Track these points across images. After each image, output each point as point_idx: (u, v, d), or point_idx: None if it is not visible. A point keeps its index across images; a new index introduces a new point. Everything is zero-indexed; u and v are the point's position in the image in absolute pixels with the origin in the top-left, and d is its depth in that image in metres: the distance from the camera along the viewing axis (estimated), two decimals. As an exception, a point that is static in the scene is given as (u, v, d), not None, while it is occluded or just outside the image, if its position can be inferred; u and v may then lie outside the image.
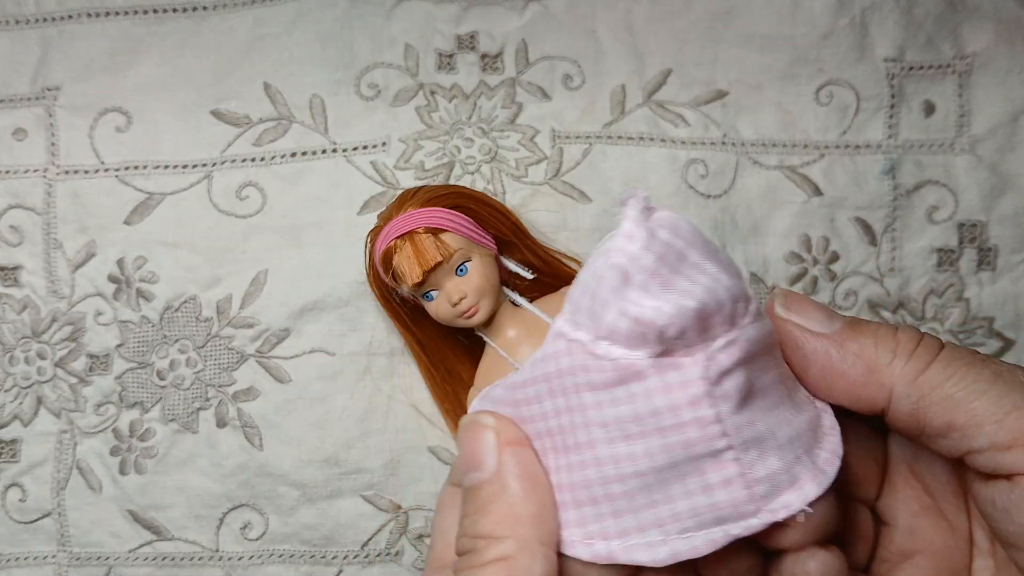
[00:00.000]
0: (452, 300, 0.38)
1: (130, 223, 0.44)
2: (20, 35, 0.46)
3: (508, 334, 0.39)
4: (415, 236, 0.37)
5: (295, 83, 0.44)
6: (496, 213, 0.40)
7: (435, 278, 0.38)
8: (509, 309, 0.40)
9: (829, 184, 0.43)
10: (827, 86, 0.44)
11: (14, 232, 0.45)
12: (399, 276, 0.38)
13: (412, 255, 0.37)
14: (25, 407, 0.44)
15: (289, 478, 0.42)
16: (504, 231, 0.40)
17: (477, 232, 0.39)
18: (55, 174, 0.45)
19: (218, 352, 0.43)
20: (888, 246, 0.43)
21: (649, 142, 0.43)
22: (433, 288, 0.38)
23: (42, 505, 0.43)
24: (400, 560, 0.42)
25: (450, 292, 0.38)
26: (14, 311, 0.44)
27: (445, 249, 0.37)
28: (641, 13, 0.44)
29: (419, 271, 0.37)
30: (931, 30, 0.44)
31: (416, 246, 0.37)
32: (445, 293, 0.38)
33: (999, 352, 0.42)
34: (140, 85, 0.45)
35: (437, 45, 0.44)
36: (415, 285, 0.37)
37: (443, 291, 0.38)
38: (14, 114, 0.45)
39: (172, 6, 0.45)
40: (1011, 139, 0.43)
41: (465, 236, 0.38)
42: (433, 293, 0.38)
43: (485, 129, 0.44)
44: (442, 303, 0.38)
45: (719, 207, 0.43)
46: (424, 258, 0.37)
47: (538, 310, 0.39)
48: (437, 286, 0.38)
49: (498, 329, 0.40)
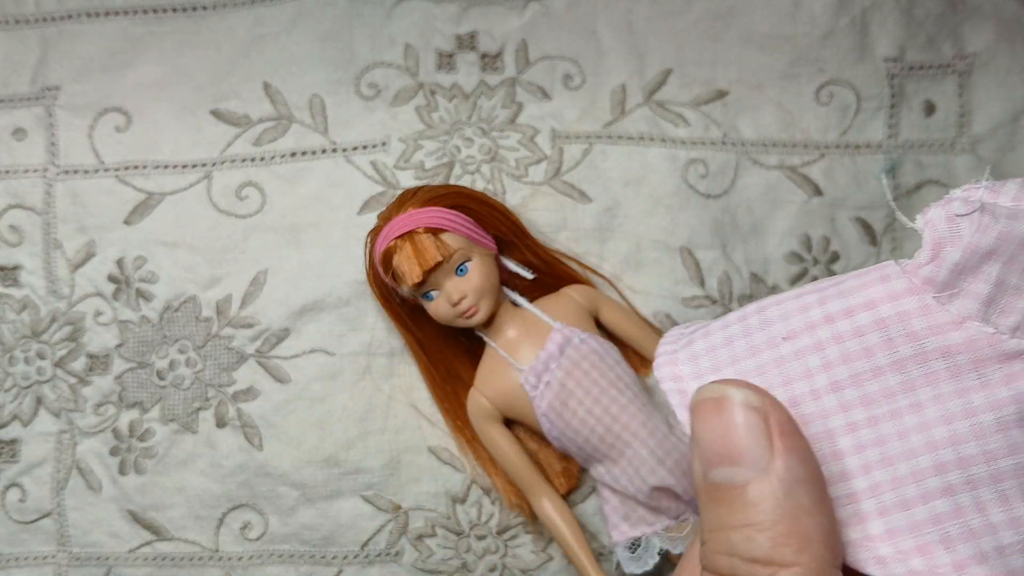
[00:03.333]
0: (452, 300, 0.38)
1: (130, 223, 0.44)
2: (20, 35, 0.46)
3: (508, 334, 0.39)
4: (415, 236, 0.37)
5: (295, 83, 0.44)
6: (496, 213, 0.40)
7: (435, 278, 0.38)
8: (509, 309, 0.40)
9: (829, 184, 0.43)
10: (827, 86, 0.43)
11: (14, 232, 0.45)
12: (399, 276, 0.38)
13: (412, 255, 0.37)
14: (25, 407, 0.44)
15: (289, 478, 0.42)
16: (504, 231, 0.40)
17: (477, 232, 0.39)
18: (55, 174, 0.45)
19: (218, 352, 0.43)
20: (888, 246, 0.43)
21: (649, 142, 0.43)
22: (433, 288, 0.38)
23: (42, 505, 0.43)
24: (400, 560, 0.42)
25: (450, 292, 0.38)
26: (14, 311, 0.44)
27: (445, 249, 0.37)
28: (641, 13, 0.44)
29: (419, 271, 0.37)
30: (931, 30, 0.44)
31: (416, 246, 0.37)
32: (445, 293, 0.38)
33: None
34: (140, 85, 0.45)
35: (437, 45, 0.44)
36: (415, 285, 0.37)
37: (443, 291, 0.38)
38: (14, 114, 0.45)
39: (172, 6, 0.45)
40: (1011, 139, 0.43)
41: (465, 236, 0.38)
42: (433, 293, 0.38)
43: (485, 129, 0.44)
44: (442, 303, 0.38)
45: (719, 207, 0.43)
46: (424, 258, 0.37)
47: (538, 310, 0.39)
48: (437, 286, 0.38)
49: (498, 329, 0.40)
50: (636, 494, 0.37)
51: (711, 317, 0.42)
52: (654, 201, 0.43)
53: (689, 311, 0.42)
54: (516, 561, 0.41)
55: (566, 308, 0.40)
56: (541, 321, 0.39)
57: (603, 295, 0.42)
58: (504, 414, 0.40)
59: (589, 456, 0.38)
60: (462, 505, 0.42)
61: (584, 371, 0.38)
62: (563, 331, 0.38)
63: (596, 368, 0.38)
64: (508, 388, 0.39)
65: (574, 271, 0.42)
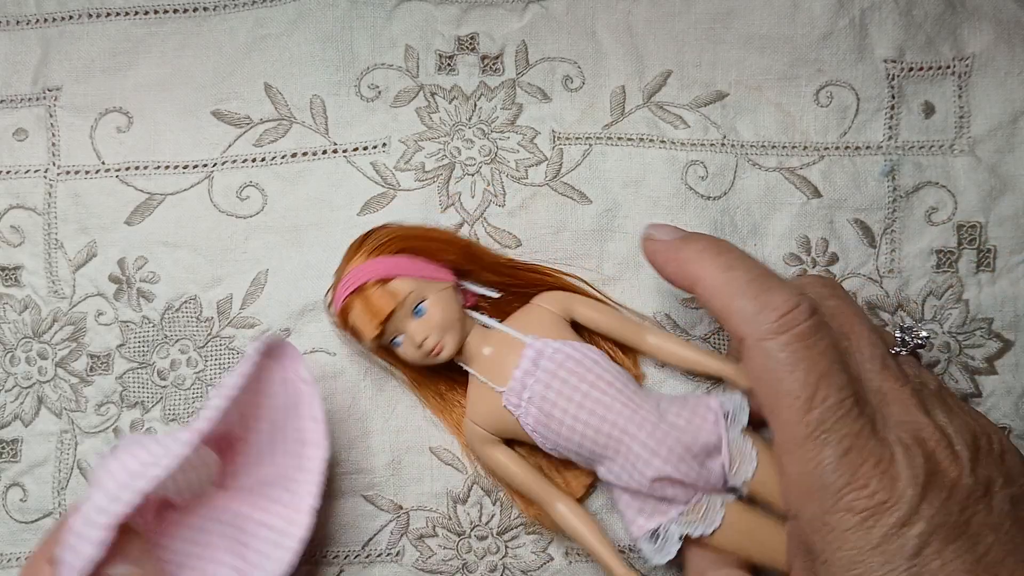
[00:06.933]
0: (416, 342, 0.38)
1: (131, 223, 0.44)
2: (20, 35, 0.46)
3: (484, 358, 0.39)
4: (364, 291, 0.37)
5: (295, 84, 0.44)
6: (443, 244, 0.40)
7: (393, 326, 0.38)
8: (480, 333, 0.40)
9: (828, 186, 0.43)
10: (827, 87, 0.44)
11: (15, 232, 0.45)
12: (357, 334, 0.38)
13: (364, 310, 0.37)
14: (26, 407, 0.44)
15: (290, 478, 0.42)
16: (456, 260, 0.40)
17: (427, 269, 0.39)
18: (56, 174, 0.45)
19: (219, 352, 0.43)
20: (887, 247, 0.43)
21: (649, 143, 0.43)
22: (396, 335, 0.38)
23: (43, 505, 0.43)
24: (401, 560, 0.42)
25: (413, 335, 0.38)
26: (15, 311, 0.44)
27: (394, 296, 0.37)
28: (641, 14, 0.44)
29: (373, 324, 0.37)
30: (930, 31, 0.44)
31: (366, 300, 0.37)
32: (408, 337, 0.38)
33: (998, 353, 0.42)
34: (141, 85, 0.45)
35: (437, 46, 0.44)
36: (375, 338, 0.38)
37: (407, 335, 0.38)
38: (15, 114, 0.45)
39: (172, 6, 0.45)
40: (1010, 140, 0.43)
41: (415, 277, 0.38)
42: (399, 339, 0.38)
43: (485, 130, 0.44)
44: (408, 347, 0.38)
45: (718, 209, 0.43)
46: (375, 310, 0.37)
47: (509, 328, 0.39)
48: (399, 332, 0.38)
49: (474, 355, 0.39)
50: (640, 488, 0.37)
51: (711, 318, 0.42)
52: (653, 202, 0.43)
53: (689, 312, 0.42)
54: (517, 561, 0.42)
55: (538, 319, 0.40)
56: (515, 339, 0.39)
57: (574, 296, 0.41)
58: (501, 436, 0.40)
59: (589, 459, 0.38)
60: (463, 505, 0.42)
61: (562, 379, 0.37)
62: (535, 344, 0.38)
63: (574, 374, 0.37)
64: (495, 411, 0.39)
65: (542, 277, 0.42)
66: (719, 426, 0.37)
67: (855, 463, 0.30)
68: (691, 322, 0.42)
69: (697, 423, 0.37)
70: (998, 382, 0.42)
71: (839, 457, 0.30)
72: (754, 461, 0.36)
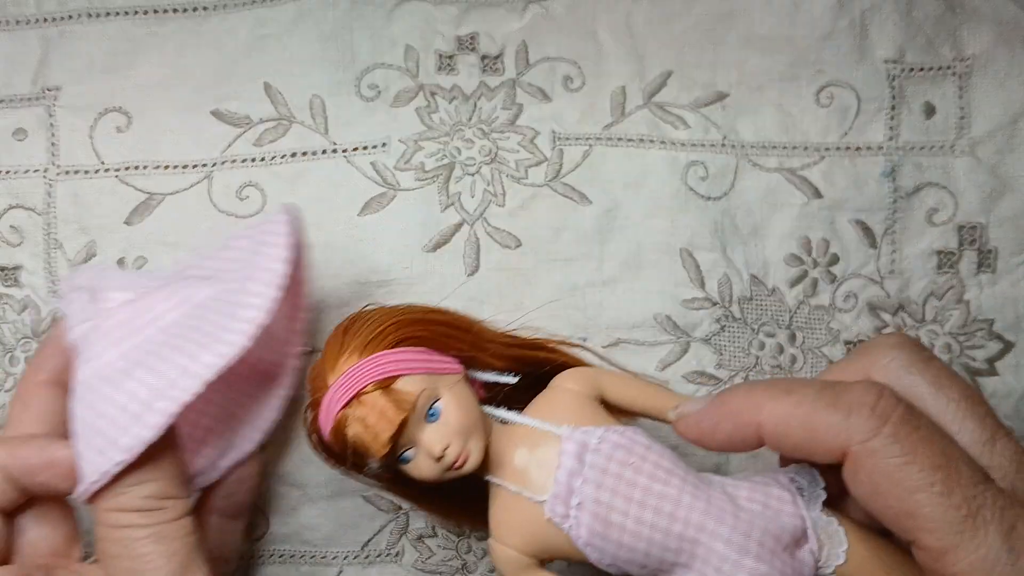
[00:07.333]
0: (435, 455, 0.31)
1: (130, 223, 0.44)
2: (20, 35, 0.46)
3: (511, 462, 0.32)
4: (363, 398, 0.30)
5: (295, 83, 0.44)
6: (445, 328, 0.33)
7: (404, 437, 0.31)
8: (501, 431, 0.33)
9: (829, 186, 0.43)
10: (827, 88, 0.44)
11: (14, 232, 0.45)
12: (361, 453, 0.31)
13: (369, 423, 0.30)
14: (25, 407, 0.44)
15: (290, 478, 0.42)
16: (462, 346, 0.33)
17: (434, 359, 0.32)
18: (55, 174, 0.45)
19: (218, 353, 0.43)
20: (888, 248, 0.43)
21: (649, 144, 0.43)
22: (407, 447, 0.31)
23: (43, 505, 0.43)
24: (400, 560, 0.42)
25: (430, 446, 0.31)
26: (15, 311, 0.44)
27: (405, 401, 0.30)
28: (641, 15, 0.44)
29: (384, 438, 0.30)
30: (931, 32, 0.44)
31: (370, 410, 0.30)
32: (423, 449, 0.31)
33: (999, 354, 0.42)
34: (140, 85, 0.45)
35: (437, 46, 0.44)
36: (384, 456, 0.30)
37: (420, 447, 0.31)
38: (14, 114, 0.45)
39: (172, 6, 0.45)
40: (1010, 141, 0.43)
41: (423, 373, 0.31)
42: (409, 453, 0.31)
43: (485, 130, 0.44)
44: (423, 461, 0.31)
45: (719, 209, 0.43)
46: (384, 421, 0.30)
47: (535, 420, 0.32)
48: (411, 444, 0.31)
49: (498, 461, 0.32)
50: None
51: (711, 319, 0.42)
52: (654, 203, 0.43)
53: (689, 313, 0.42)
54: (516, 562, 0.42)
55: (566, 405, 0.33)
56: (544, 432, 0.32)
57: (600, 371, 0.35)
58: (539, 557, 0.32)
59: (656, 571, 0.31)
60: (462, 506, 0.42)
61: (616, 475, 0.31)
62: (574, 436, 0.31)
63: (628, 466, 0.31)
64: (534, 527, 0.31)
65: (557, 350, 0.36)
66: (799, 506, 0.31)
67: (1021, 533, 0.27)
68: (692, 323, 0.42)
69: (774, 506, 0.31)
70: (999, 383, 0.42)
71: (1007, 533, 0.27)
72: (844, 542, 0.30)
